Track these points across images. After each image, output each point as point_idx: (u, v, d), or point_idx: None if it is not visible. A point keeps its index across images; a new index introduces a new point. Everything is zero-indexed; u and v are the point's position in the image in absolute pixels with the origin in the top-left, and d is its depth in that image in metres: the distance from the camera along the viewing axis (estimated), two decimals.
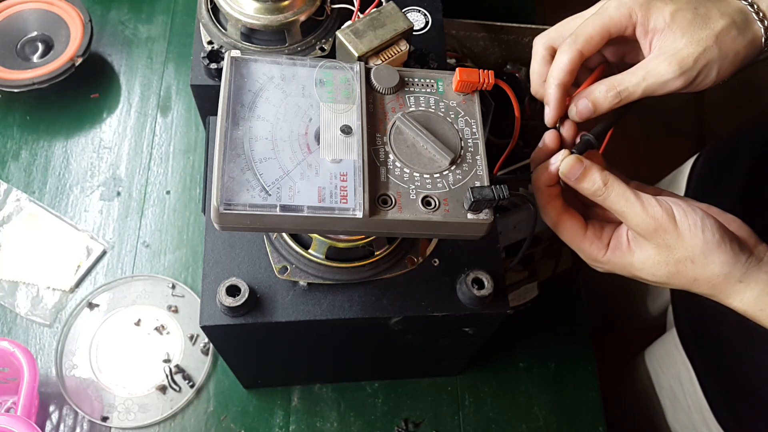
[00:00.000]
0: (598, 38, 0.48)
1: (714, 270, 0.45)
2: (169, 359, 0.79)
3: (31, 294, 0.82)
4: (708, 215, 0.45)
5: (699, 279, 0.45)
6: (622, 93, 0.47)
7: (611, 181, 0.46)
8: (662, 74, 0.46)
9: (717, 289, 0.46)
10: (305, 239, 0.54)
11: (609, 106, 0.48)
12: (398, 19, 0.55)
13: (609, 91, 0.47)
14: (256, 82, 0.47)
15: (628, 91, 0.47)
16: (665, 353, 0.86)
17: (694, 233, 0.44)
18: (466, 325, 0.59)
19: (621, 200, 0.46)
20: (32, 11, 0.92)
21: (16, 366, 0.70)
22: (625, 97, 0.47)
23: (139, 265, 0.84)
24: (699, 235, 0.44)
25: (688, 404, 0.80)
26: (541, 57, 0.52)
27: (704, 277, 0.45)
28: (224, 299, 0.51)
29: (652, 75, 0.46)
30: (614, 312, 1.17)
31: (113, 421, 0.75)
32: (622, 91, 0.47)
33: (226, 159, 0.43)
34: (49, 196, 0.88)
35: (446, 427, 0.78)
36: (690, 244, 0.45)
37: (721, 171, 0.80)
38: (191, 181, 0.90)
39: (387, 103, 0.49)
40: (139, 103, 0.95)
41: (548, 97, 0.49)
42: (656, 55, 0.47)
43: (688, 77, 0.46)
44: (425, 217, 0.45)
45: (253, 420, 0.76)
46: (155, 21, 1.01)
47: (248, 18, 0.63)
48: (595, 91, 0.48)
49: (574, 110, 0.49)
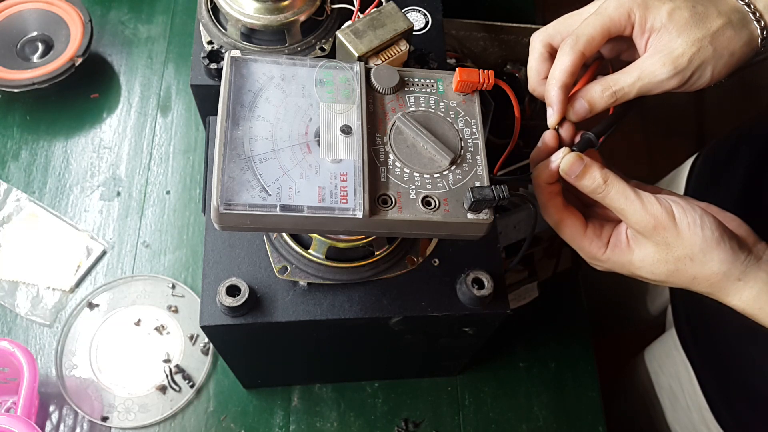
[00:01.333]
0: (599, 39, 0.48)
1: (713, 268, 0.45)
2: (169, 359, 0.79)
3: (31, 294, 0.82)
4: (707, 213, 0.45)
5: (698, 277, 0.46)
6: (617, 93, 0.48)
7: (611, 179, 0.46)
8: (657, 74, 0.46)
9: (716, 288, 0.46)
10: (305, 239, 0.54)
11: (605, 105, 0.48)
12: (398, 19, 0.55)
13: (604, 91, 0.48)
14: (256, 82, 0.47)
15: (623, 90, 0.47)
16: (665, 353, 0.86)
17: (693, 231, 0.45)
18: (466, 325, 0.59)
19: (620, 197, 0.46)
20: (32, 11, 0.92)
21: (16, 366, 0.70)
22: (621, 96, 0.48)
23: (139, 265, 0.84)
24: (698, 233, 0.45)
25: (688, 404, 0.80)
26: (539, 54, 0.52)
27: (703, 275, 0.45)
28: (224, 299, 0.51)
29: (647, 75, 0.47)
30: (614, 312, 1.17)
31: (113, 421, 0.75)
32: (618, 91, 0.48)
33: (226, 159, 0.43)
34: (49, 196, 0.88)
35: (446, 427, 0.78)
36: (689, 242, 0.45)
37: (721, 171, 0.80)
38: (191, 181, 0.90)
39: (387, 103, 0.49)
40: (139, 103, 0.95)
41: (551, 99, 0.49)
42: (651, 54, 0.47)
43: (683, 77, 0.46)
44: (425, 217, 0.45)
45: (253, 420, 0.76)
46: (155, 21, 1.01)
47: (248, 18, 0.63)
48: (591, 91, 0.48)
49: (571, 110, 0.49)
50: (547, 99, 0.50)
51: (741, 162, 0.77)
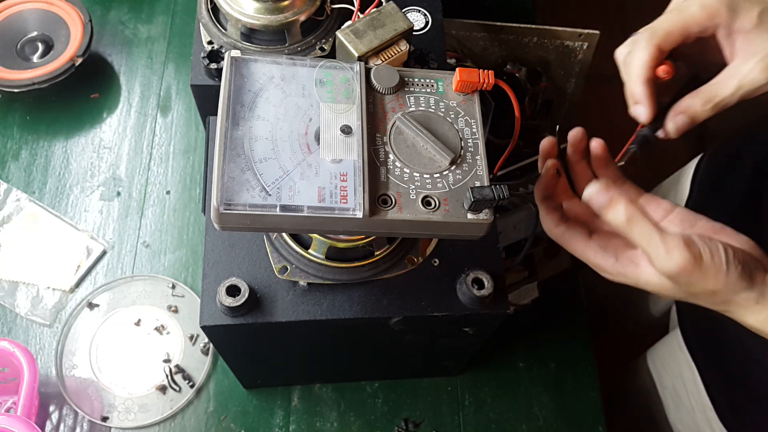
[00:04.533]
0: (676, 35, 0.48)
1: (733, 298, 0.44)
2: (169, 359, 0.79)
3: (31, 294, 0.82)
4: (730, 248, 0.44)
5: (716, 301, 0.45)
6: (719, 104, 0.47)
7: (635, 219, 0.44)
8: (756, 80, 0.46)
9: (731, 307, 0.45)
10: (305, 239, 0.54)
11: (706, 117, 0.48)
12: (398, 19, 0.55)
13: (706, 104, 0.48)
14: (256, 82, 0.47)
15: (725, 101, 0.47)
16: (668, 353, 0.86)
17: (719, 274, 0.43)
18: (466, 325, 0.59)
19: (643, 240, 0.44)
20: (32, 11, 0.92)
21: (16, 366, 0.70)
22: (722, 107, 0.48)
23: (139, 265, 0.84)
24: (723, 276, 0.43)
25: (692, 404, 0.80)
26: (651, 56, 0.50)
27: (721, 300, 0.45)
28: (224, 299, 0.51)
29: (747, 83, 0.46)
30: (615, 312, 1.17)
31: (113, 421, 0.75)
32: (719, 102, 0.47)
33: (226, 159, 0.43)
34: (49, 196, 0.88)
35: (446, 427, 0.78)
36: (713, 282, 0.44)
37: (726, 172, 0.79)
38: (191, 181, 0.90)
39: (387, 103, 0.49)
40: (139, 103, 0.95)
41: (638, 96, 0.49)
42: (745, 58, 0.46)
43: None
44: (425, 217, 0.45)
45: (253, 420, 0.76)
46: (155, 21, 1.01)
47: (248, 18, 0.63)
48: (692, 106, 0.48)
49: (673, 126, 0.49)
50: (631, 96, 0.49)
51: (746, 163, 0.77)
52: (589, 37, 0.88)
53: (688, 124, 0.48)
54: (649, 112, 0.49)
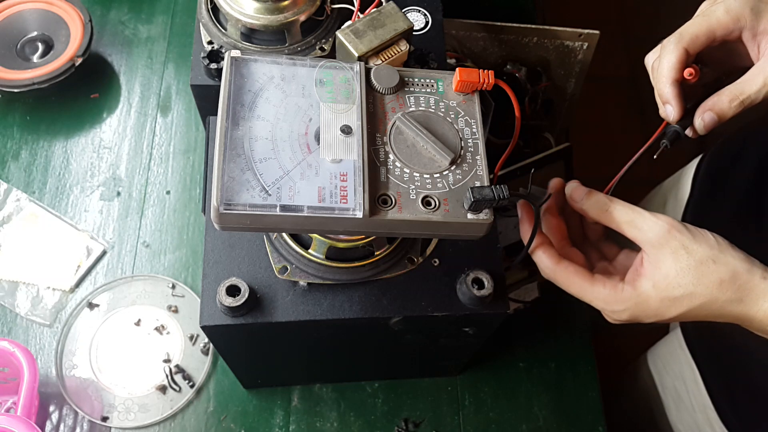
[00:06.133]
0: (703, 38, 0.49)
1: (736, 266, 0.45)
2: (169, 359, 0.79)
3: (31, 294, 0.82)
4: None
5: (725, 280, 0.45)
6: (745, 101, 0.49)
7: (614, 201, 0.48)
8: None
9: (745, 290, 0.45)
10: (305, 239, 0.54)
11: (733, 114, 0.50)
12: (398, 19, 0.55)
13: (732, 101, 0.49)
14: (256, 82, 0.47)
15: (750, 98, 0.49)
16: (669, 353, 0.86)
17: (705, 235, 0.46)
18: (466, 325, 0.59)
19: (627, 210, 0.47)
20: (32, 11, 0.92)
21: (16, 366, 0.70)
22: (748, 104, 0.49)
23: (139, 265, 0.84)
24: (710, 237, 0.46)
25: (692, 404, 0.80)
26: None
27: (729, 276, 0.45)
28: (224, 299, 0.51)
29: None
30: None
31: (113, 421, 0.75)
32: (745, 100, 0.49)
33: (226, 159, 0.43)
34: (49, 196, 0.88)
35: (446, 427, 0.78)
36: (705, 244, 0.45)
37: (728, 170, 0.79)
38: (191, 181, 0.90)
39: (387, 103, 0.49)
40: (139, 103, 0.95)
41: (666, 97, 0.50)
42: None
43: None
44: (425, 217, 0.45)
45: (253, 420, 0.76)
46: (155, 21, 1.01)
47: (248, 18, 0.63)
48: (719, 103, 0.49)
49: (701, 123, 0.50)
50: (660, 96, 0.51)
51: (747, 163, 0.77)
52: (589, 37, 0.88)
53: (715, 121, 0.50)
54: (677, 111, 0.50)
